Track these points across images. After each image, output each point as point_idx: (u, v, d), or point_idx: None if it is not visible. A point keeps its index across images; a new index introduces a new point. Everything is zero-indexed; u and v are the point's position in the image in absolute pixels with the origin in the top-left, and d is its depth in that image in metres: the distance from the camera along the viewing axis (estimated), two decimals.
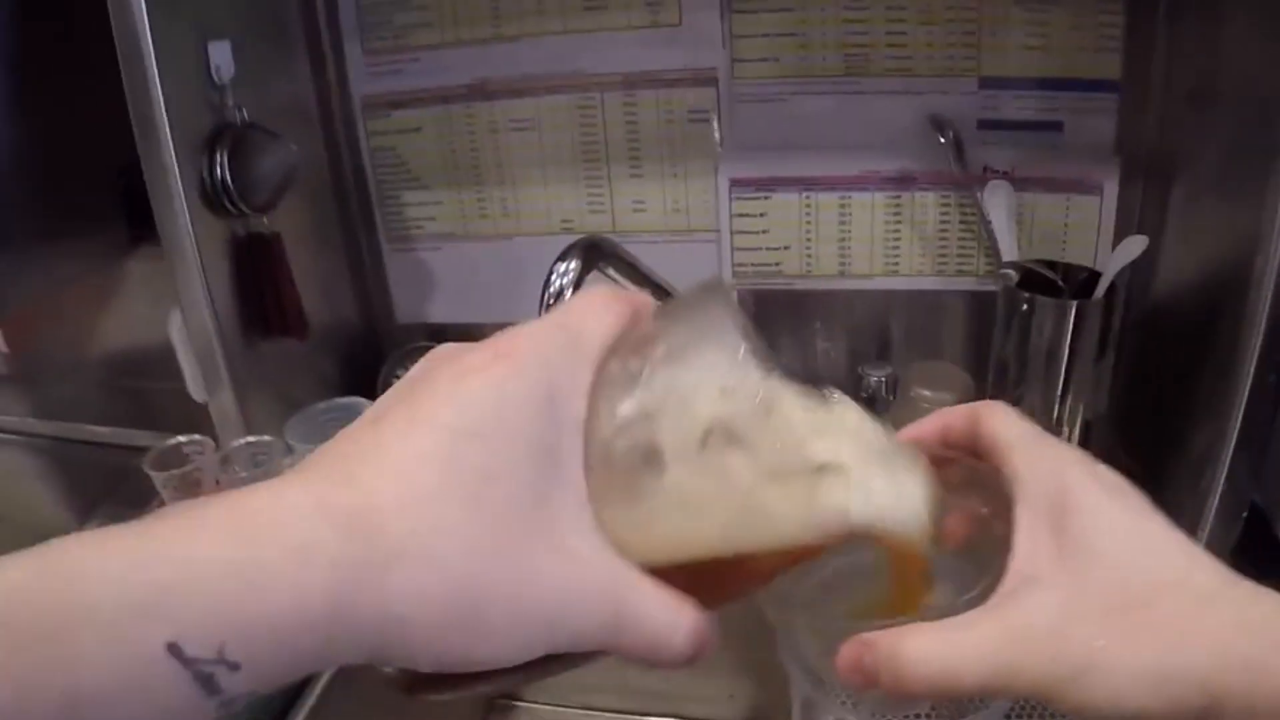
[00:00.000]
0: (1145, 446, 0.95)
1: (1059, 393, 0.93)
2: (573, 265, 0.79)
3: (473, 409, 0.30)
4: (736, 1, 0.98)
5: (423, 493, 0.28)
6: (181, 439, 0.93)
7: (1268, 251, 0.70)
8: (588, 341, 0.33)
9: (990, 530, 0.38)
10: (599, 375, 0.33)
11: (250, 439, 0.94)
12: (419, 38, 1.05)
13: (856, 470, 0.34)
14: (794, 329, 1.10)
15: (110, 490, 1.11)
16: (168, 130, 0.86)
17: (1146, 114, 0.96)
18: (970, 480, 0.40)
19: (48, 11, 0.98)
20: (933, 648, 0.34)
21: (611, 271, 0.85)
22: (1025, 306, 0.91)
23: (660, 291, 0.91)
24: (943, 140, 0.96)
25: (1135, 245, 0.89)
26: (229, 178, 0.91)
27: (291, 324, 1.00)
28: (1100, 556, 0.34)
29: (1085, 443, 0.96)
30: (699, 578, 0.33)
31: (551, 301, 0.78)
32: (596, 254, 0.82)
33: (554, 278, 0.78)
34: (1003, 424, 0.39)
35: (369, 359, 1.15)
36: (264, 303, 0.98)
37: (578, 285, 0.79)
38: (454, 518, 0.29)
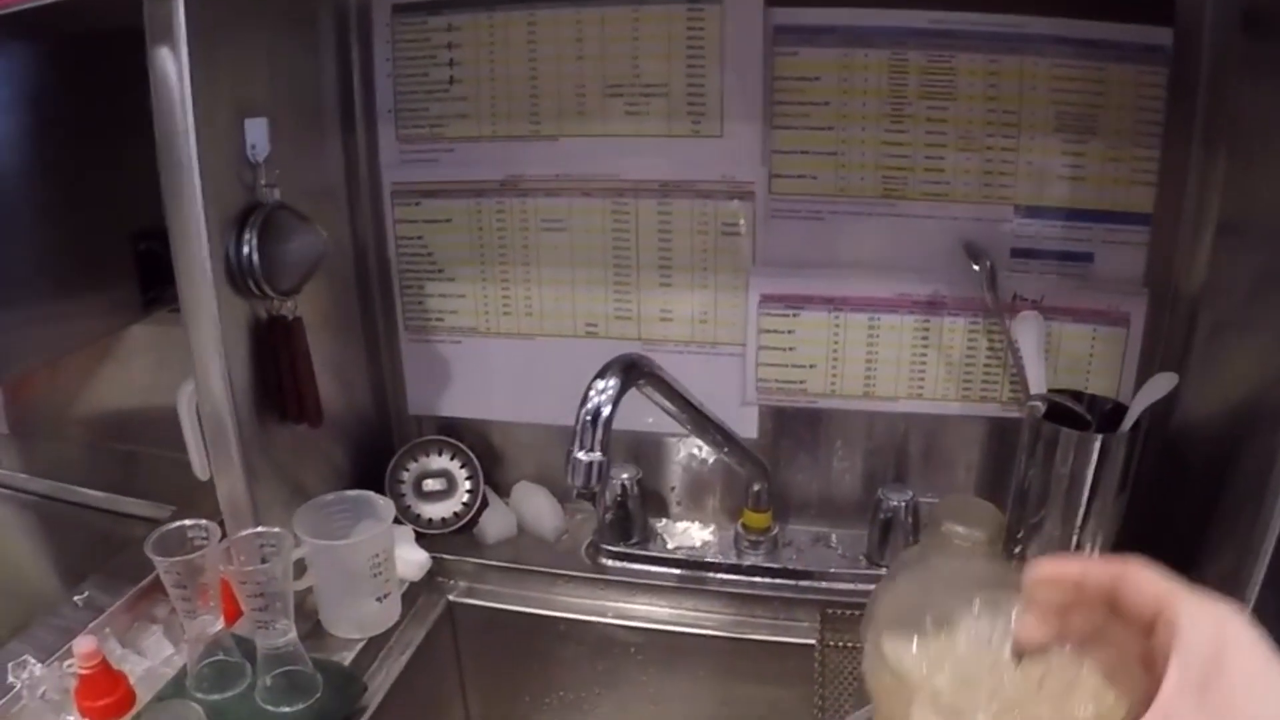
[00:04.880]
0: None
1: (1079, 522, 0.92)
2: (611, 383, 0.77)
3: None
4: (778, 118, 0.97)
5: None
6: (186, 523, 0.89)
7: None
8: None
9: (1129, 678, 0.43)
10: None
11: (259, 529, 0.89)
12: (456, 129, 1.04)
13: None
14: (813, 448, 1.09)
15: (100, 560, 1.07)
16: (200, 205, 0.83)
17: (1176, 246, 0.96)
18: (1108, 632, 0.45)
19: (84, 73, 0.97)
20: None
21: (649, 390, 0.84)
22: (1051, 437, 0.90)
23: (693, 411, 0.90)
24: (977, 268, 0.96)
25: (1164, 382, 0.88)
26: (256, 258, 0.89)
27: (308, 411, 0.98)
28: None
29: None
30: None
31: (588, 419, 0.77)
32: (635, 372, 0.80)
33: (592, 394, 0.76)
34: (1152, 580, 0.42)
35: (379, 449, 1.12)
36: (281, 387, 0.96)
37: (615, 403, 0.77)
38: None
